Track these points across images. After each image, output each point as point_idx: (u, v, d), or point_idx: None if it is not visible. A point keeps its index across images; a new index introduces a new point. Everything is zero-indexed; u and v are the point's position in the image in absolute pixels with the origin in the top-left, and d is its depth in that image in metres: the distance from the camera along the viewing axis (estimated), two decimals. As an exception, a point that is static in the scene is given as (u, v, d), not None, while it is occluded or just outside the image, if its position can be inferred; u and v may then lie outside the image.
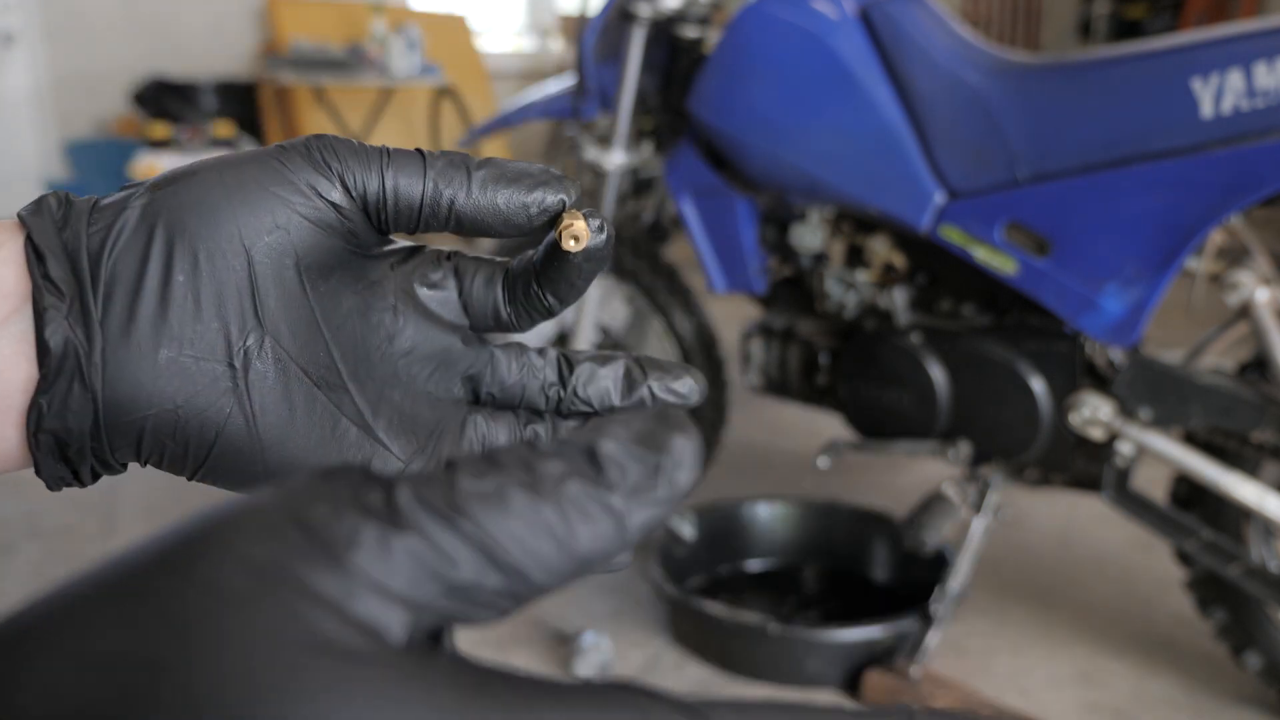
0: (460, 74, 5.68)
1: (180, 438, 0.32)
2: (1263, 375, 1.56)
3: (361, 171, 0.32)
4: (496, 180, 0.33)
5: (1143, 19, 6.81)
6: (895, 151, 1.69)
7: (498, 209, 0.33)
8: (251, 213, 0.31)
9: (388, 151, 0.33)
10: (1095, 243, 1.57)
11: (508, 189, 0.33)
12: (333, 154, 0.32)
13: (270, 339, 0.32)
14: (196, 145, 4.94)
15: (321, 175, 0.32)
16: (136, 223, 0.31)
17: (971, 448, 1.77)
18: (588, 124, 2.09)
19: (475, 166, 0.33)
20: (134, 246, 0.31)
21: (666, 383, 0.36)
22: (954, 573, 1.76)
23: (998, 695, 1.73)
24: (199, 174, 0.32)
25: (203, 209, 0.31)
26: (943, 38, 1.71)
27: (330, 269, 0.33)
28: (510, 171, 0.33)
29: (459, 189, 0.33)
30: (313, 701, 0.16)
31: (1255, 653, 1.65)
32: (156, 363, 0.31)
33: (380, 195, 0.32)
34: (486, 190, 0.33)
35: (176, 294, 0.31)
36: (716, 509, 2.13)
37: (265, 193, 0.32)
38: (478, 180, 0.33)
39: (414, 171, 0.33)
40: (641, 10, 1.89)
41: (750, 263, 1.94)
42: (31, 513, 2.39)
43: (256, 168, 0.32)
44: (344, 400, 0.34)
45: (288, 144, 0.33)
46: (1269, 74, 1.41)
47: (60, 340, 0.30)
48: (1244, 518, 1.62)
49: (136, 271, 0.31)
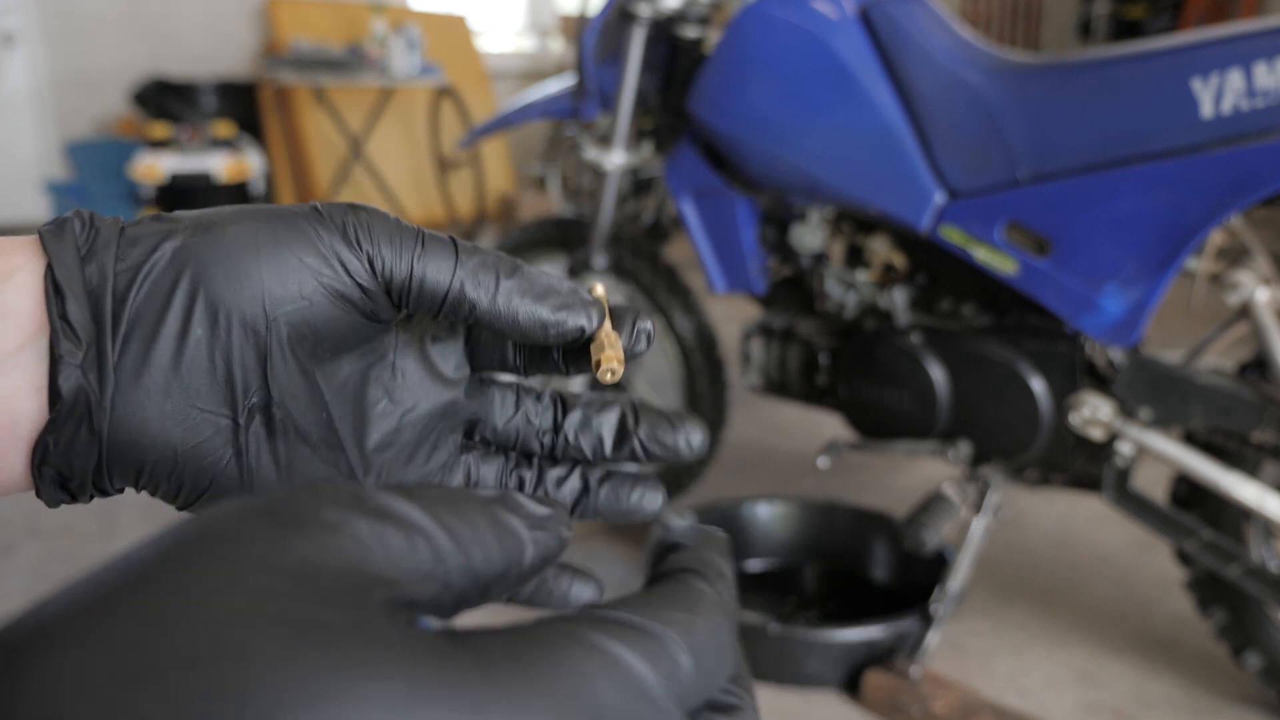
0: (460, 74, 5.68)
1: (176, 480, 0.32)
2: (1263, 375, 1.56)
3: (392, 257, 0.32)
4: (523, 294, 0.33)
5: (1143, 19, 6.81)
6: (895, 151, 1.69)
7: (517, 323, 0.33)
8: (278, 280, 0.31)
9: (422, 239, 0.33)
10: (1095, 243, 1.57)
11: (531, 305, 0.33)
12: (366, 233, 0.32)
13: (276, 403, 0.33)
14: (196, 145, 4.94)
15: (352, 253, 0.32)
16: (164, 268, 0.31)
17: (971, 448, 1.77)
18: (588, 124, 2.10)
19: (505, 274, 0.33)
20: (158, 292, 0.31)
21: (659, 434, 0.37)
22: (954, 573, 1.76)
23: (998, 695, 1.73)
24: (233, 227, 0.32)
25: (231, 267, 0.31)
26: (943, 38, 1.71)
27: (344, 339, 0.34)
28: (538, 287, 0.33)
29: (484, 294, 0.33)
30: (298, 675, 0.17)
31: (1255, 653, 1.65)
32: (164, 409, 0.31)
33: (406, 284, 0.32)
34: (510, 302, 0.33)
35: (191, 348, 0.31)
36: (716, 509, 2.13)
37: (294, 260, 0.32)
38: (504, 290, 0.33)
39: (444, 266, 0.32)
40: (641, 10, 1.89)
41: (750, 263, 1.94)
42: (31, 513, 2.39)
43: (290, 231, 0.32)
44: (339, 459, 0.34)
45: (324, 208, 0.33)
46: (1269, 74, 1.41)
47: (73, 388, 0.30)
48: (1244, 518, 1.62)
49: (156, 318, 0.31)
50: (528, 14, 6.81)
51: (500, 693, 0.18)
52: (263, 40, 5.72)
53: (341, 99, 5.39)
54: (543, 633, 0.20)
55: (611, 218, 2.07)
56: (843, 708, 1.72)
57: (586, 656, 0.20)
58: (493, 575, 0.23)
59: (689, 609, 0.23)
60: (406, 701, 0.17)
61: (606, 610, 0.22)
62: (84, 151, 5.28)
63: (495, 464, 0.38)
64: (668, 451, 0.36)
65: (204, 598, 0.18)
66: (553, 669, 0.19)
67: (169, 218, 0.32)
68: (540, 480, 0.38)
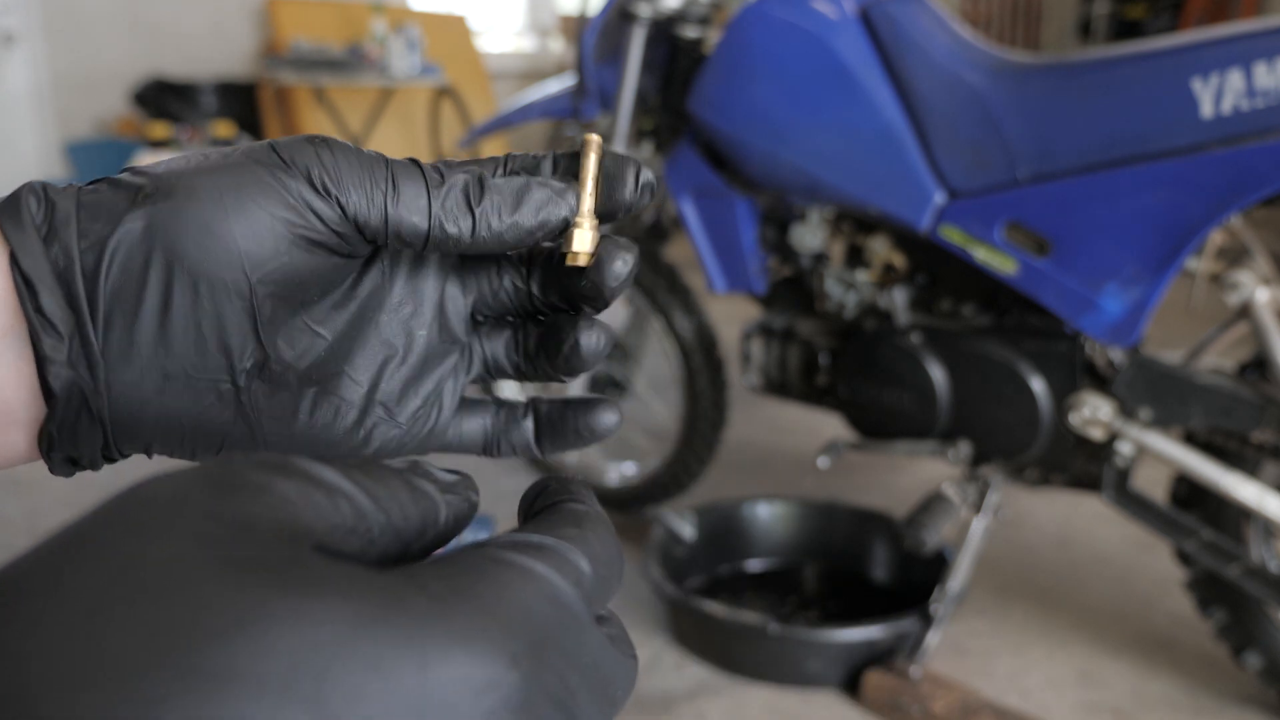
0: (460, 74, 5.68)
1: (187, 447, 0.33)
2: (1263, 375, 1.56)
3: (363, 202, 0.31)
4: (499, 213, 0.32)
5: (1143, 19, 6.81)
6: (895, 151, 1.69)
7: (503, 244, 0.33)
8: (253, 240, 0.31)
9: (393, 177, 0.32)
10: (1095, 243, 1.57)
11: (511, 219, 0.32)
12: (334, 178, 0.31)
13: (270, 351, 0.32)
14: (196, 145, 4.94)
15: (322, 200, 0.31)
16: (134, 245, 0.30)
17: (971, 448, 1.77)
18: (588, 124, 2.09)
19: (478, 198, 0.32)
20: (131, 271, 0.30)
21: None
22: (954, 573, 1.76)
23: (998, 695, 1.73)
24: (197, 190, 0.30)
25: (202, 235, 0.30)
26: (943, 38, 1.71)
27: (328, 281, 0.33)
28: (511, 198, 0.32)
29: (463, 228, 0.32)
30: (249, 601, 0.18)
31: (1255, 653, 1.65)
32: (159, 384, 0.31)
33: (382, 229, 0.32)
34: (490, 227, 0.32)
35: (177, 322, 0.31)
36: (716, 509, 2.13)
37: (265, 217, 0.31)
38: (481, 218, 0.32)
39: (418, 207, 0.32)
40: (641, 10, 1.89)
41: (750, 263, 1.94)
42: (31, 513, 2.39)
43: (255, 185, 0.30)
44: (344, 385, 0.34)
45: (286, 152, 0.31)
46: (1269, 74, 1.41)
47: (64, 384, 0.30)
48: (1244, 518, 1.62)
49: (135, 297, 0.30)
50: (528, 14, 6.80)
51: (441, 608, 0.20)
52: (263, 40, 5.72)
53: (341, 99, 5.39)
54: (466, 558, 0.22)
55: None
56: (843, 708, 1.72)
57: (509, 573, 0.22)
58: (412, 533, 0.24)
59: (578, 525, 0.25)
60: (354, 622, 0.18)
61: (513, 535, 0.24)
62: (84, 151, 5.28)
63: (503, 337, 0.38)
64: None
65: (152, 544, 0.19)
66: (483, 585, 0.21)
67: (126, 182, 0.31)
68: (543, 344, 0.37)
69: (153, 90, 5.21)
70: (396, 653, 0.19)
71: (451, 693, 0.19)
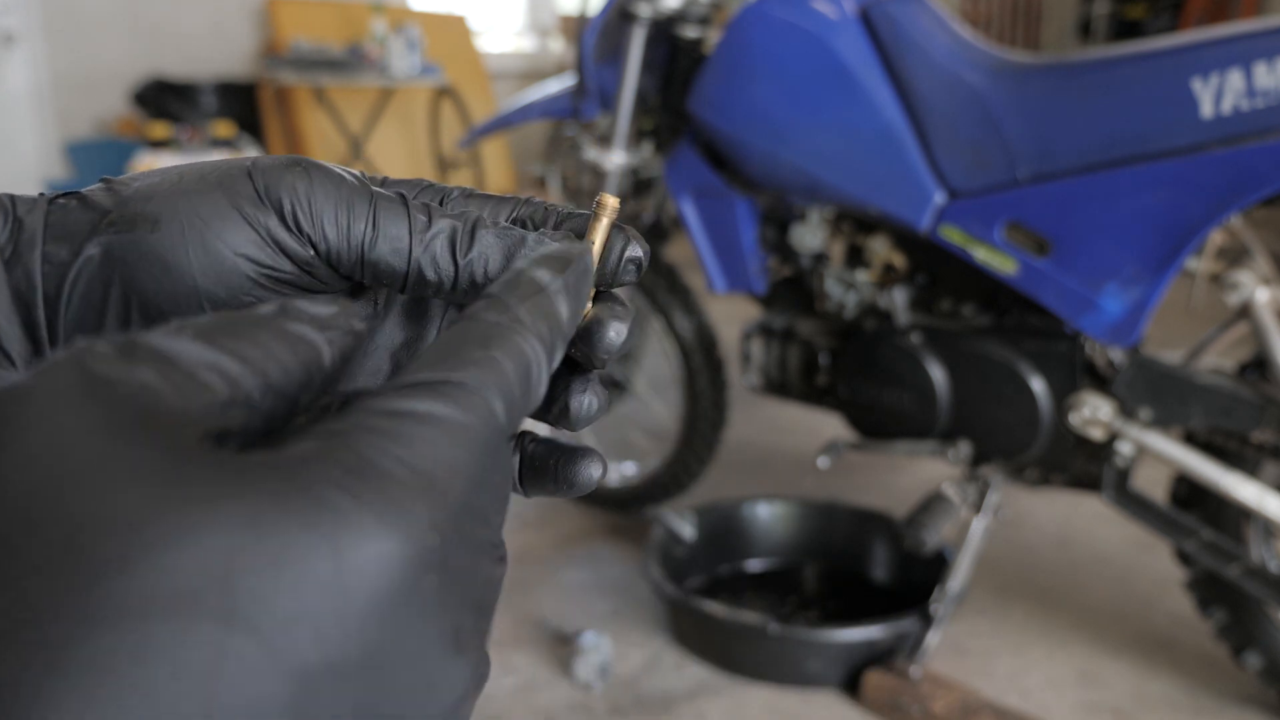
0: (460, 74, 5.68)
1: None
2: (1263, 375, 1.56)
3: (338, 241, 0.30)
4: (489, 263, 0.30)
5: (1143, 19, 6.81)
6: (895, 151, 1.69)
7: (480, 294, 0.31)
8: (214, 279, 0.29)
9: (374, 214, 0.30)
10: (1095, 243, 1.57)
11: (498, 272, 0.30)
12: (307, 212, 0.29)
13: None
14: (196, 145, 4.94)
15: (293, 238, 0.29)
16: (94, 274, 0.29)
17: (971, 448, 1.77)
18: (588, 124, 2.09)
19: (465, 247, 0.30)
20: (91, 300, 0.29)
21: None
22: (954, 573, 1.76)
23: (998, 695, 1.73)
24: (161, 220, 0.29)
25: (161, 271, 0.29)
26: (943, 38, 1.71)
27: None
28: (502, 250, 0.30)
29: (444, 276, 0.30)
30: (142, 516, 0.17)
31: (1255, 653, 1.65)
32: None
33: (357, 268, 0.30)
34: (475, 279, 0.30)
35: None
36: (716, 509, 2.13)
37: (229, 255, 0.29)
38: (464, 269, 0.30)
39: (398, 250, 0.30)
40: (641, 10, 1.89)
41: (750, 263, 1.94)
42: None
43: (222, 218, 0.29)
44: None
45: (262, 179, 0.30)
46: (1269, 74, 1.41)
47: None
48: (1244, 518, 1.62)
49: (94, 329, 0.29)
50: (528, 14, 6.80)
51: (343, 484, 0.19)
52: (263, 40, 5.71)
53: (341, 99, 5.39)
54: (354, 419, 0.20)
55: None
56: (843, 708, 1.72)
57: (405, 425, 0.20)
58: (296, 386, 0.22)
59: (484, 345, 0.23)
60: (251, 520, 0.18)
61: (404, 377, 0.22)
62: (84, 151, 5.27)
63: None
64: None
65: (32, 461, 0.18)
66: (386, 446, 0.20)
67: (94, 202, 0.30)
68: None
69: (153, 90, 5.21)
70: (304, 543, 0.18)
71: (373, 572, 0.18)
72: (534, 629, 1.93)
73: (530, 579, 2.12)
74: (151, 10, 5.52)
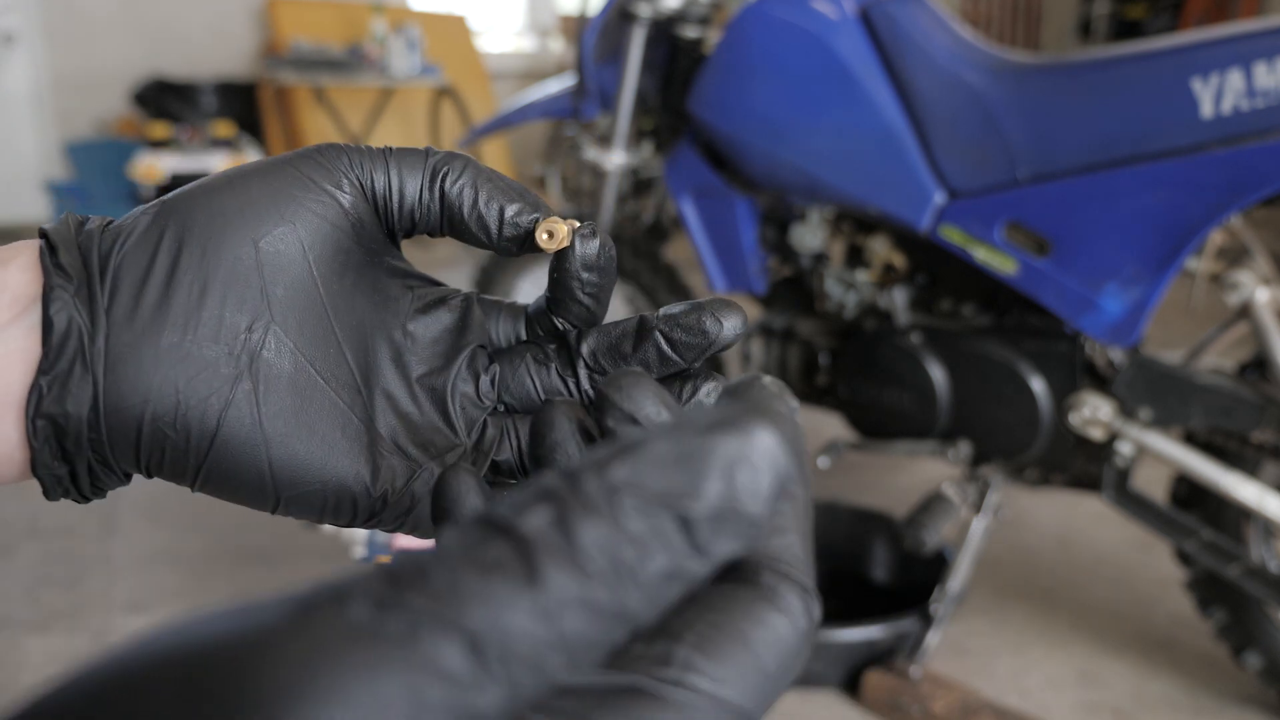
0: (460, 74, 5.68)
1: (181, 426, 0.31)
2: (1263, 375, 1.56)
3: (368, 165, 0.33)
4: (486, 184, 0.34)
5: (1143, 19, 6.80)
6: (895, 151, 1.69)
7: (480, 216, 0.34)
8: (259, 212, 0.32)
9: (391, 150, 0.34)
10: (1095, 243, 1.57)
11: (495, 199, 0.34)
12: (339, 153, 0.33)
13: (278, 328, 0.32)
14: (196, 145, 4.94)
15: (329, 171, 0.33)
16: (148, 226, 0.31)
17: (971, 448, 1.77)
18: (588, 124, 2.09)
19: (480, 181, 0.34)
20: (144, 244, 0.31)
21: (681, 321, 0.32)
22: (954, 573, 1.76)
23: (998, 695, 1.73)
24: (210, 183, 0.32)
25: (212, 211, 0.32)
26: (943, 38, 1.71)
27: (343, 269, 0.33)
28: (502, 183, 0.34)
29: (453, 187, 0.34)
30: None
31: (1255, 653, 1.65)
32: (158, 348, 0.31)
33: (387, 189, 0.33)
34: (478, 194, 0.34)
35: (182, 281, 0.31)
36: (716, 509, 2.12)
37: (273, 192, 0.32)
38: (469, 186, 0.34)
39: (415, 164, 0.34)
40: (641, 10, 1.89)
41: (750, 263, 1.94)
42: (31, 513, 2.39)
43: (266, 172, 0.33)
44: (355, 401, 0.33)
45: (300, 150, 0.33)
46: (1269, 74, 1.41)
47: (65, 319, 0.30)
48: (1244, 518, 1.62)
49: (145, 265, 0.31)
50: (528, 14, 6.80)
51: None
52: (263, 40, 5.72)
53: (341, 99, 5.39)
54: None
55: (611, 218, 2.07)
56: (843, 708, 1.72)
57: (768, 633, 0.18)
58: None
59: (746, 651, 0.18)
60: None
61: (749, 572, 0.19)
62: (84, 151, 5.27)
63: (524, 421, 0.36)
64: (695, 335, 0.32)
65: None
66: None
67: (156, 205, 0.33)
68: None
69: (153, 90, 5.21)
70: None
71: None
72: (534, 629, 1.93)
73: (530, 579, 2.11)
74: (151, 10, 5.52)
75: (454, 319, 0.36)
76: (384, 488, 0.33)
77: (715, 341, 0.32)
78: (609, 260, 0.34)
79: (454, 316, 0.36)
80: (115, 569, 2.15)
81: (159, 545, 2.25)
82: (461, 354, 0.35)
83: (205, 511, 2.39)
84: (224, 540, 2.26)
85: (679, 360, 0.33)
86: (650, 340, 0.33)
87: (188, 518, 2.37)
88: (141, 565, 2.16)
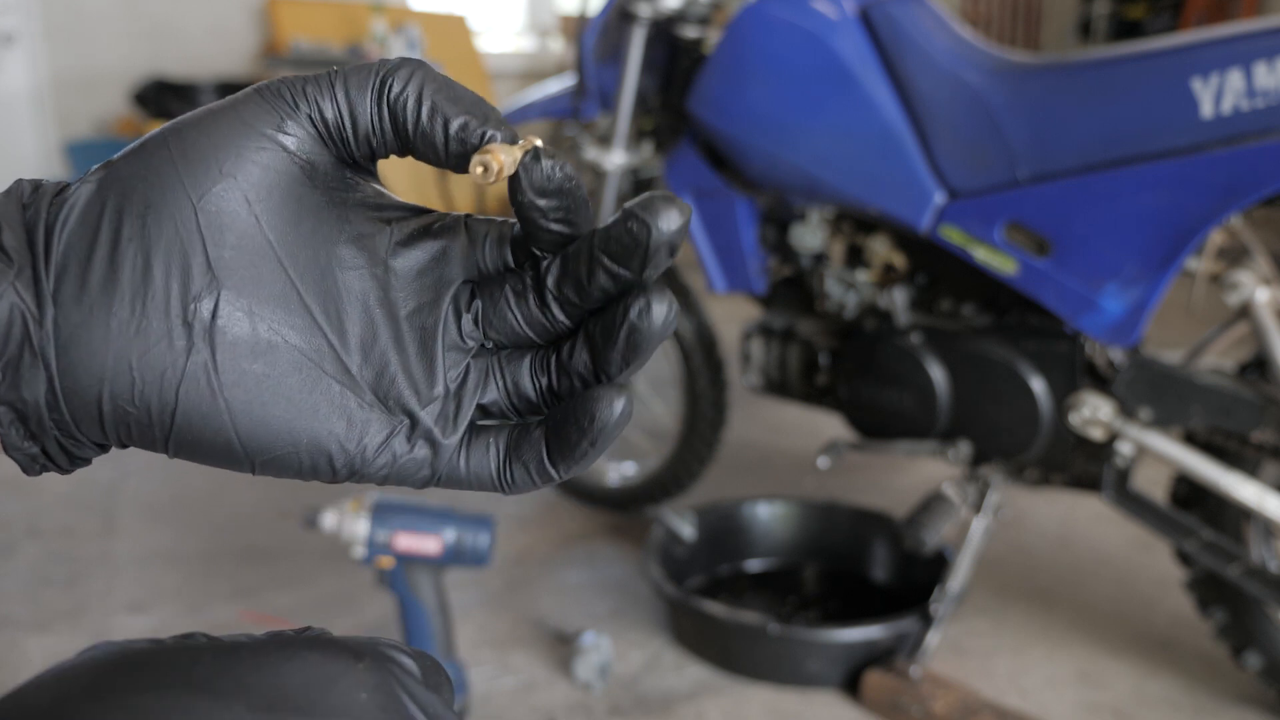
0: (460, 74, 5.68)
1: (141, 402, 0.30)
2: (1263, 375, 1.56)
3: (315, 96, 0.31)
4: (432, 95, 0.31)
5: (1143, 19, 6.80)
6: (895, 151, 1.69)
7: (425, 132, 0.31)
8: (196, 170, 0.30)
9: (338, 71, 0.32)
10: (1095, 243, 1.57)
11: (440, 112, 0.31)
12: (282, 89, 0.31)
13: (230, 291, 0.31)
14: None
15: (270, 113, 0.31)
16: (90, 197, 0.31)
17: (971, 448, 1.77)
18: (588, 124, 2.09)
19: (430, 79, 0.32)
20: (87, 218, 0.30)
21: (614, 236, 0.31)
22: (954, 573, 1.76)
23: (998, 695, 1.73)
24: (151, 140, 0.31)
25: (150, 173, 0.30)
26: (943, 38, 1.71)
27: (297, 216, 0.32)
28: (449, 93, 0.32)
29: (397, 100, 0.31)
30: None
31: (1255, 653, 1.65)
32: (109, 327, 0.30)
33: (337, 117, 0.31)
34: (421, 107, 0.31)
35: (126, 256, 0.30)
36: (716, 509, 2.12)
37: (212, 144, 0.31)
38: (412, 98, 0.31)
39: (364, 82, 0.31)
40: (641, 10, 1.89)
41: (750, 263, 1.94)
42: (31, 513, 2.39)
43: (205, 122, 0.31)
44: (325, 355, 0.32)
45: (244, 91, 0.32)
46: (1269, 74, 1.41)
47: (6, 307, 0.29)
48: (1244, 518, 1.62)
49: (90, 240, 0.30)
50: (528, 14, 6.80)
51: None
52: (263, 40, 5.71)
53: (341, 99, 5.39)
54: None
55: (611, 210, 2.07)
56: (843, 708, 1.72)
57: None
58: None
59: None
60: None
61: None
62: (84, 151, 5.27)
63: (524, 361, 0.34)
64: (628, 244, 0.31)
65: None
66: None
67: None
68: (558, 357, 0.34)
69: (153, 90, 5.21)
70: None
71: None
72: (534, 629, 1.93)
73: (530, 579, 2.12)
74: (151, 10, 5.52)
75: (439, 248, 0.34)
76: (361, 445, 0.32)
77: (653, 246, 0.31)
78: (565, 179, 0.31)
79: (439, 245, 0.34)
80: (115, 569, 2.15)
81: (159, 545, 2.25)
82: (450, 288, 0.34)
83: (205, 511, 2.39)
84: (224, 540, 2.26)
85: (627, 274, 0.32)
86: (597, 262, 0.32)
87: (188, 518, 2.37)
88: (141, 565, 2.16)
